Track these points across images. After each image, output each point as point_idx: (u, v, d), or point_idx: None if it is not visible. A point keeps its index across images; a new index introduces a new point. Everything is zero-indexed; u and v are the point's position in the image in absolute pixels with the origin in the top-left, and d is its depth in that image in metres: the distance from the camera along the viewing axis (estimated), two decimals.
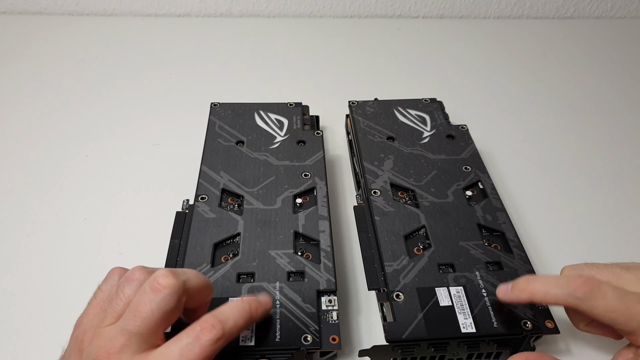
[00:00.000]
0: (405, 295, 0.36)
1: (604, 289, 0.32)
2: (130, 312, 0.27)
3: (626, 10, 0.91)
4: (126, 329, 0.27)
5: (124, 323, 0.27)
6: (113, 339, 0.27)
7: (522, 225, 0.49)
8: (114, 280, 0.31)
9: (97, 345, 0.27)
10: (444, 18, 0.89)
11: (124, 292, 0.29)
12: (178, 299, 0.28)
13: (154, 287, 0.28)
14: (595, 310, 0.32)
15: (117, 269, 0.32)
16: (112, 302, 0.29)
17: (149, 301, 0.27)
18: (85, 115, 0.62)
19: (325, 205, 0.43)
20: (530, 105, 0.67)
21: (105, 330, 0.28)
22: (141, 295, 0.28)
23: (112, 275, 0.31)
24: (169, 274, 0.28)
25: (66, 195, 0.51)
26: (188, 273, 0.30)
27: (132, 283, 0.29)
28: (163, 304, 0.27)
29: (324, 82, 0.71)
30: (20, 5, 0.83)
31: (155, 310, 0.27)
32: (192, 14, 0.86)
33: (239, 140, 0.49)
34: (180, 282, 0.28)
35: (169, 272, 0.28)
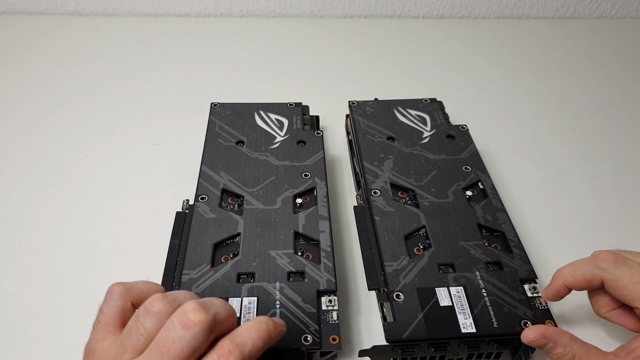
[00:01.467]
0: (405, 295, 0.36)
1: (630, 262, 0.33)
2: (157, 347, 0.26)
3: (626, 10, 0.91)
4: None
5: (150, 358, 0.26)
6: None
7: (522, 225, 0.49)
8: (116, 301, 0.29)
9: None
10: (444, 18, 0.89)
11: (145, 326, 0.26)
12: (209, 334, 0.26)
13: (184, 323, 0.25)
14: (619, 281, 0.33)
15: (116, 287, 0.29)
16: (132, 336, 0.27)
17: (178, 338, 0.25)
18: (85, 115, 0.62)
19: (325, 205, 0.43)
20: (530, 105, 0.67)
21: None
22: (169, 331, 0.26)
23: (113, 294, 0.29)
24: (199, 309, 0.26)
25: (66, 195, 0.51)
26: (216, 305, 0.28)
27: (154, 317, 0.27)
28: (194, 342, 0.25)
29: (324, 82, 0.71)
30: (20, 5, 0.83)
31: (185, 348, 0.25)
32: (192, 14, 0.86)
33: (239, 140, 0.49)
34: (211, 317, 0.26)
35: (199, 307, 0.26)
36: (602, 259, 0.34)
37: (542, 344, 0.32)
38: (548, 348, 0.32)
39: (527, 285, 0.37)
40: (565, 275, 0.36)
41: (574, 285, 0.35)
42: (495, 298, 0.36)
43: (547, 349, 0.32)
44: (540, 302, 0.36)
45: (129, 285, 0.29)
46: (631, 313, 0.35)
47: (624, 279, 0.33)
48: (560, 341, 0.32)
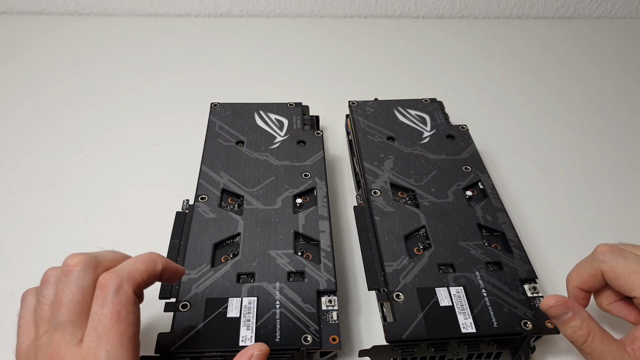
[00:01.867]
0: (405, 295, 0.36)
1: (626, 252, 0.33)
2: (54, 305, 0.27)
3: (626, 10, 0.91)
4: (56, 323, 0.26)
5: (53, 318, 0.27)
6: (50, 341, 0.26)
7: (522, 225, 0.49)
8: (29, 301, 0.30)
9: (42, 355, 0.26)
10: (444, 18, 0.89)
11: (44, 295, 0.28)
12: (92, 272, 0.27)
13: (65, 270, 0.27)
14: (616, 271, 0.33)
15: (28, 291, 0.30)
16: (38, 311, 0.28)
17: (65, 285, 0.27)
18: (85, 115, 0.62)
19: (325, 205, 0.43)
20: (530, 105, 0.67)
21: (43, 339, 0.27)
22: (58, 285, 0.27)
23: (26, 297, 0.30)
24: (76, 254, 0.28)
25: (66, 195, 0.51)
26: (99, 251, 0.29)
27: (48, 283, 0.28)
28: (79, 282, 0.27)
29: (324, 82, 0.71)
30: (20, 5, 0.83)
31: (74, 291, 0.27)
32: (192, 14, 0.86)
33: (239, 140, 0.49)
34: (90, 257, 0.28)
35: (76, 253, 0.28)
36: (599, 251, 0.34)
37: (561, 313, 0.32)
38: (565, 319, 0.32)
39: (527, 285, 0.37)
40: (572, 277, 0.36)
41: (583, 285, 0.35)
42: (495, 298, 0.36)
43: (564, 319, 0.32)
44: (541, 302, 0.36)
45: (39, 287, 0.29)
46: (632, 305, 0.35)
47: (620, 269, 0.33)
48: (580, 314, 0.32)
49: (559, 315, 0.32)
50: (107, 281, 0.27)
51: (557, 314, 0.32)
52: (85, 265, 0.27)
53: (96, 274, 0.27)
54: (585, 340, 0.31)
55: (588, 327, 0.32)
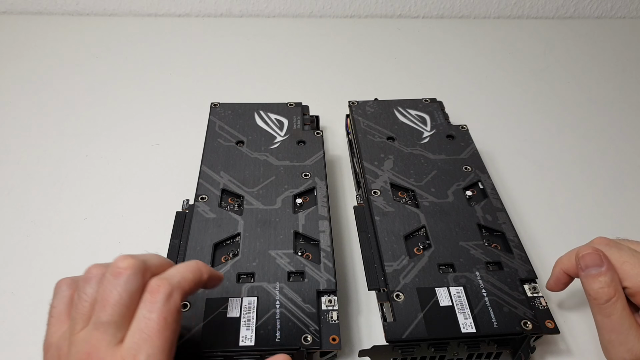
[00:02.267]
0: (405, 295, 0.36)
1: (621, 245, 0.33)
2: (98, 304, 0.27)
3: (626, 10, 0.91)
4: (99, 322, 0.26)
5: (96, 317, 0.27)
6: (89, 338, 0.26)
7: (522, 225, 0.49)
8: (64, 291, 0.30)
9: (76, 351, 0.26)
10: (444, 18, 0.89)
11: (86, 292, 0.28)
12: (142, 276, 0.27)
13: (115, 272, 0.27)
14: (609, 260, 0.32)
15: (63, 281, 0.30)
16: (78, 307, 0.28)
17: (113, 286, 0.27)
18: (85, 115, 0.62)
19: (325, 205, 0.43)
20: (530, 105, 0.67)
21: (80, 334, 0.27)
22: (105, 284, 0.27)
23: (60, 287, 0.30)
24: (127, 256, 0.28)
25: (66, 195, 0.51)
26: (146, 254, 0.30)
27: (92, 281, 0.28)
28: (128, 285, 0.27)
29: (324, 82, 0.71)
30: (20, 5, 0.83)
31: (122, 293, 0.27)
32: (192, 14, 0.86)
33: (239, 140, 0.49)
34: (140, 261, 0.28)
35: (126, 255, 0.28)
36: (596, 242, 0.35)
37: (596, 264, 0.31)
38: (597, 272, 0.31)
39: (527, 285, 0.37)
40: (563, 261, 0.36)
41: (571, 270, 0.35)
42: (495, 298, 0.36)
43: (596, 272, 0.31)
44: (540, 302, 0.36)
45: (76, 276, 0.29)
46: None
47: (612, 258, 0.33)
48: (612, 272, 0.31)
49: (592, 264, 0.31)
50: (159, 287, 0.27)
51: (592, 263, 0.31)
52: (136, 269, 0.27)
53: (144, 278, 0.28)
54: (610, 299, 0.31)
55: (616, 287, 0.31)
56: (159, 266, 0.29)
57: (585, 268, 0.32)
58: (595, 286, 0.31)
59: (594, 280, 0.31)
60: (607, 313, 0.31)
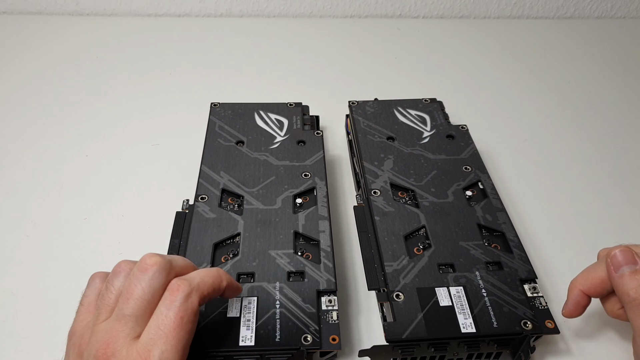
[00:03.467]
0: (405, 295, 0.36)
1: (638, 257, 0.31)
2: (122, 297, 0.28)
3: (626, 10, 0.91)
4: (121, 314, 0.27)
5: (119, 309, 0.28)
6: (110, 329, 0.27)
7: (522, 225, 0.49)
8: (97, 284, 0.31)
9: (96, 340, 0.27)
10: (444, 18, 0.89)
11: (114, 285, 0.29)
12: (166, 275, 0.29)
13: (142, 267, 0.28)
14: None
15: (97, 273, 0.32)
16: (104, 298, 0.29)
17: (138, 281, 0.28)
18: (85, 115, 0.62)
19: (325, 205, 0.43)
20: (530, 105, 0.67)
21: (102, 325, 0.28)
22: (131, 279, 0.28)
23: (94, 279, 0.32)
24: (154, 254, 0.29)
25: (66, 195, 0.51)
26: (172, 255, 0.31)
27: (120, 274, 0.29)
28: (153, 282, 0.28)
29: (324, 82, 0.71)
30: (20, 5, 0.83)
31: (146, 289, 0.28)
32: (192, 14, 0.86)
33: (239, 140, 0.49)
34: (166, 260, 0.29)
35: (154, 253, 0.29)
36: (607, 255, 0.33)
37: (630, 261, 0.30)
38: (631, 270, 0.29)
39: (527, 285, 0.37)
40: (580, 282, 0.34)
41: (592, 290, 0.34)
42: (495, 298, 0.36)
43: (630, 270, 0.30)
44: (540, 302, 0.36)
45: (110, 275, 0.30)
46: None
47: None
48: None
49: (625, 263, 0.30)
50: (180, 286, 0.28)
51: (624, 261, 0.30)
52: (161, 267, 0.28)
53: (168, 277, 0.29)
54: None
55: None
56: (183, 268, 0.30)
57: (619, 267, 0.30)
58: (633, 285, 0.29)
59: (630, 279, 0.29)
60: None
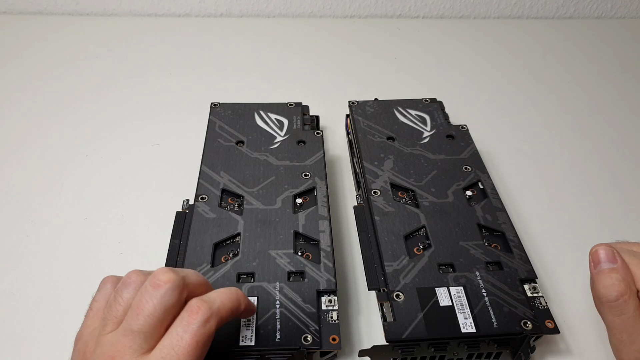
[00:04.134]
0: (405, 295, 0.36)
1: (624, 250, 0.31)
2: (132, 311, 0.27)
3: (626, 10, 0.91)
4: (129, 329, 0.27)
5: (127, 323, 0.27)
6: (116, 343, 0.27)
7: (522, 225, 0.49)
8: (108, 289, 0.30)
9: (101, 352, 0.27)
10: (444, 18, 0.89)
11: (123, 297, 0.28)
12: (179, 293, 0.28)
13: (154, 283, 0.27)
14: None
15: (109, 278, 0.31)
16: (112, 308, 0.28)
17: (150, 297, 0.27)
18: (85, 115, 0.62)
19: (325, 205, 0.43)
20: (530, 105, 0.67)
21: (108, 336, 0.27)
22: (142, 293, 0.27)
23: (105, 284, 0.31)
24: (168, 270, 0.28)
25: (66, 195, 0.51)
26: (186, 270, 0.30)
27: (130, 286, 0.29)
28: (165, 299, 0.27)
29: (324, 82, 0.71)
30: (20, 5, 0.83)
31: (157, 306, 0.27)
32: (192, 14, 0.86)
33: (239, 140, 0.49)
34: (180, 277, 0.28)
35: (168, 269, 0.28)
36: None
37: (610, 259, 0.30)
38: (610, 267, 0.30)
39: (527, 285, 0.37)
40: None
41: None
42: (495, 298, 0.36)
43: (607, 268, 0.30)
44: (540, 302, 0.36)
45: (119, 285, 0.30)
46: None
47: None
48: (626, 270, 0.30)
49: (605, 259, 0.30)
50: (199, 309, 0.27)
51: (605, 258, 0.30)
52: (175, 285, 0.28)
53: (181, 296, 0.28)
54: (621, 295, 0.29)
55: (629, 286, 0.29)
56: (198, 285, 0.30)
57: (598, 264, 0.30)
58: (607, 282, 0.30)
59: (606, 276, 0.30)
60: (619, 312, 0.29)
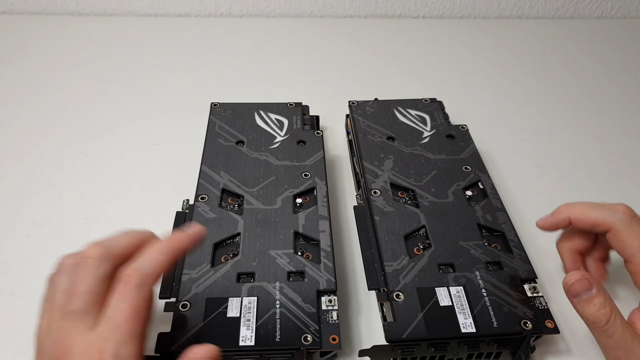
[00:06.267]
0: (405, 295, 0.36)
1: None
2: (68, 294, 0.28)
3: (626, 10, 0.91)
4: (70, 311, 0.27)
5: (67, 307, 0.27)
6: (63, 328, 0.27)
7: (522, 225, 0.49)
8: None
9: (50, 341, 0.27)
10: (444, 18, 0.89)
11: (59, 284, 0.29)
12: (109, 264, 0.28)
13: (82, 262, 0.28)
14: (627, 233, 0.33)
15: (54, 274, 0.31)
16: (53, 298, 0.28)
17: (81, 276, 0.28)
18: (85, 115, 0.62)
19: (325, 205, 0.43)
20: (530, 105, 0.67)
21: (54, 325, 0.28)
22: (74, 274, 0.28)
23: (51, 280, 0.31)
24: (94, 245, 0.29)
25: (66, 195, 0.51)
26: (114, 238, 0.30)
27: (63, 271, 0.29)
28: (96, 275, 0.28)
29: (324, 82, 0.71)
30: (20, 5, 0.83)
31: (90, 282, 0.28)
32: (192, 14, 0.86)
33: (239, 140, 0.49)
34: (105, 248, 0.29)
35: (94, 244, 0.29)
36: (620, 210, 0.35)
37: (586, 289, 0.31)
38: (589, 296, 0.31)
39: (527, 285, 0.37)
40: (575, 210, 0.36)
41: (580, 223, 0.36)
42: (495, 298, 0.36)
43: (588, 296, 0.31)
44: (540, 302, 0.36)
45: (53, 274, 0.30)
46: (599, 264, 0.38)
47: (632, 232, 0.33)
48: (602, 291, 0.31)
49: (583, 290, 0.31)
50: (130, 277, 0.28)
51: (582, 289, 0.31)
52: (101, 257, 0.28)
53: (113, 264, 0.29)
54: (609, 319, 0.30)
55: (610, 305, 0.31)
56: (128, 248, 0.30)
57: (576, 295, 0.31)
58: (591, 310, 0.31)
59: (588, 305, 0.31)
60: (609, 333, 0.30)
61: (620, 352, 0.31)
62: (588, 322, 0.31)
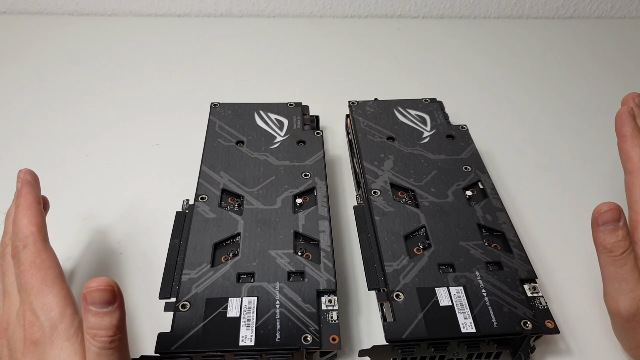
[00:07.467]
0: (405, 295, 0.36)
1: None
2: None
3: (626, 10, 0.91)
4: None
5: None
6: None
7: (522, 225, 0.49)
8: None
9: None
10: (444, 18, 0.89)
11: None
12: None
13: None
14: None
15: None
16: None
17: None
18: (85, 115, 0.62)
19: (325, 205, 0.43)
20: (530, 105, 0.67)
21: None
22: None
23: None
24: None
25: (66, 195, 0.51)
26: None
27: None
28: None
29: (324, 82, 0.71)
30: (20, 5, 0.83)
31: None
32: (192, 14, 0.86)
33: (239, 140, 0.49)
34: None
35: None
36: None
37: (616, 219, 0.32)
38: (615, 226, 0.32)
39: (527, 285, 0.37)
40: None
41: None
42: (495, 298, 0.36)
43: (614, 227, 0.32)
44: (540, 302, 0.36)
45: None
46: None
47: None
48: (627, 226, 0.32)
49: (612, 220, 0.32)
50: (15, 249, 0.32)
51: (612, 218, 0.32)
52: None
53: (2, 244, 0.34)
54: (625, 250, 0.32)
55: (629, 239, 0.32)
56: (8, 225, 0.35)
57: (604, 224, 0.33)
58: (613, 240, 0.32)
59: (611, 234, 0.32)
60: (621, 264, 0.32)
61: (624, 284, 0.32)
62: (605, 250, 0.33)
